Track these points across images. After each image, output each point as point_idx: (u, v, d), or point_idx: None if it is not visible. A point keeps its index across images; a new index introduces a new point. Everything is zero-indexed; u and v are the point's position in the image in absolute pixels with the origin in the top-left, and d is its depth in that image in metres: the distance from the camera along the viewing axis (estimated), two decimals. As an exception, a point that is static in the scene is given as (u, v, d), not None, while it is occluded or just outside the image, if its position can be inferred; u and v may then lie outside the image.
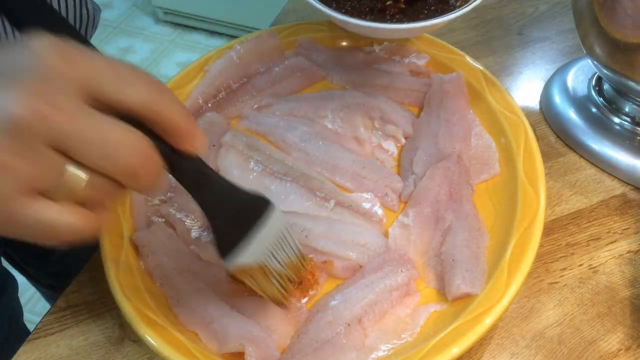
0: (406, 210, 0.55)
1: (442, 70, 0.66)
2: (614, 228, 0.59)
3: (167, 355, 0.43)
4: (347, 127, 0.63)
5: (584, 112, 0.67)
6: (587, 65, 0.72)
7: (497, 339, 0.51)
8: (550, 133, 0.69)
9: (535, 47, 0.79)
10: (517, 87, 0.75)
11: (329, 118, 0.63)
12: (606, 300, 0.54)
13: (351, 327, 0.47)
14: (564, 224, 0.59)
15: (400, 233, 0.53)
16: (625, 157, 0.63)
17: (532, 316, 0.53)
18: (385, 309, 0.48)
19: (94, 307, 0.54)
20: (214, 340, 0.46)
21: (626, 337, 0.51)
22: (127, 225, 0.52)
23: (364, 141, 0.62)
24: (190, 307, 0.48)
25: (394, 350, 0.46)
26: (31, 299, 1.51)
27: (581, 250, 0.57)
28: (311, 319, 0.48)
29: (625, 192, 0.62)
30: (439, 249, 0.51)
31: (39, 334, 0.52)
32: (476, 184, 0.57)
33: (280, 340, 0.47)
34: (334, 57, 0.69)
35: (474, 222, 0.52)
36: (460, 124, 0.60)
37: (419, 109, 0.65)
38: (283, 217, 0.43)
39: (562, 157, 0.66)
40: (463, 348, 0.43)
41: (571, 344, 0.51)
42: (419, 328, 0.47)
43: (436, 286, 0.50)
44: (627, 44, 0.58)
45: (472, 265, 0.48)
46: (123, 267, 0.48)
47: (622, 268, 0.56)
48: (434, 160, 0.57)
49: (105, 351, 0.51)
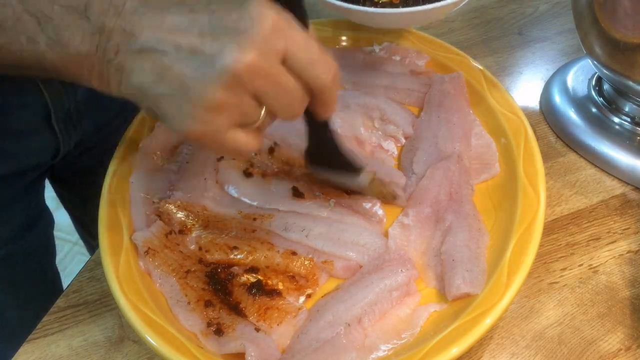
0: (406, 210, 0.55)
1: (442, 70, 0.66)
2: (614, 228, 0.59)
3: (167, 355, 0.43)
4: (347, 127, 0.63)
5: (584, 112, 0.67)
6: (587, 65, 0.72)
7: (497, 339, 0.51)
8: (550, 133, 0.69)
9: (535, 47, 0.79)
10: (517, 87, 0.75)
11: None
12: (606, 300, 0.54)
13: (351, 327, 0.47)
14: (564, 224, 0.59)
15: (400, 233, 0.53)
16: (625, 157, 0.63)
17: (532, 316, 0.53)
18: (385, 309, 0.48)
19: (94, 307, 0.54)
20: (213, 341, 0.46)
21: (626, 337, 0.51)
22: (127, 225, 0.52)
23: (364, 141, 0.62)
24: (189, 307, 0.48)
25: (394, 350, 0.46)
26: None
27: (581, 250, 0.57)
28: (311, 319, 0.48)
29: (625, 192, 0.62)
30: (439, 249, 0.51)
31: (39, 334, 0.52)
32: (476, 184, 0.57)
33: (280, 340, 0.47)
34: (334, 57, 0.68)
35: (474, 222, 0.52)
36: (460, 124, 0.60)
37: (419, 109, 0.65)
38: (366, 179, 0.54)
39: (562, 157, 0.66)
40: (463, 348, 0.43)
41: (571, 344, 0.51)
42: (419, 328, 0.47)
43: (436, 286, 0.50)
44: (627, 44, 0.58)
45: (472, 265, 0.48)
46: (123, 267, 0.48)
47: (622, 268, 0.56)
48: (434, 160, 0.57)
49: (105, 351, 0.51)
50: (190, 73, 0.36)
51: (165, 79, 0.36)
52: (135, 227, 0.52)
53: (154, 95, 0.37)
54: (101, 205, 0.52)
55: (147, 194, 0.55)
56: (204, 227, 0.54)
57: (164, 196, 0.55)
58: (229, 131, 0.38)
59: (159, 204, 0.54)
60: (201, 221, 0.54)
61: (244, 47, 0.35)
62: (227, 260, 0.51)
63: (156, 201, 0.55)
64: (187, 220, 0.54)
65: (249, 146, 0.40)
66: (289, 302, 0.49)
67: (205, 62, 0.35)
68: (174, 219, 0.53)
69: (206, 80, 0.35)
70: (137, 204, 0.54)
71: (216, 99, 0.36)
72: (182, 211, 0.54)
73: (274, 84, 0.37)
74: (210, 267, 0.51)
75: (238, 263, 0.51)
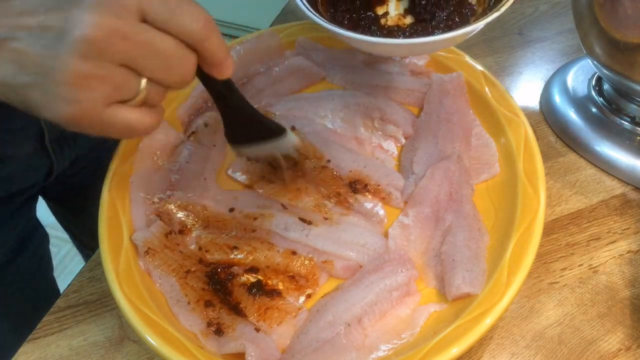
0: (406, 210, 0.55)
1: (442, 70, 0.66)
2: (614, 228, 0.59)
3: (167, 355, 0.43)
4: (347, 127, 0.63)
5: (584, 112, 0.67)
6: (587, 65, 0.72)
7: (497, 339, 0.51)
8: (550, 133, 0.69)
9: (535, 47, 0.79)
10: (517, 87, 0.75)
11: (329, 118, 0.63)
12: (606, 300, 0.54)
13: (351, 327, 0.47)
14: (564, 224, 0.59)
15: (400, 233, 0.53)
16: (625, 157, 0.63)
17: (532, 316, 0.53)
18: (385, 309, 0.48)
19: (94, 307, 0.54)
20: (213, 341, 0.46)
21: (626, 337, 0.51)
22: (127, 225, 0.52)
23: (364, 141, 0.62)
24: (189, 307, 0.48)
25: (394, 350, 0.46)
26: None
27: (581, 250, 0.57)
28: (311, 319, 0.48)
29: (625, 192, 0.62)
30: (439, 249, 0.51)
31: (39, 334, 0.52)
32: (476, 184, 0.57)
33: (280, 340, 0.47)
34: (334, 57, 0.69)
35: (474, 222, 0.52)
36: (460, 124, 0.60)
37: (419, 109, 0.65)
38: (294, 138, 0.52)
39: (562, 157, 0.66)
40: (463, 348, 0.43)
41: (571, 344, 0.51)
42: (419, 328, 0.47)
43: (436, 286, 0.50)
44: (627, 44, 0.58)
45: (472, 265, 0.48)
46: (123, 267, 0.48)
47: (622, 268, 0.56)
48: (434, 160, 0.57)
49: (105, 351, 0.51)
50: (44, 52, 0.33)
51: (25, 66, 0.34)
52: (135, 227, 0.52)
53: (20, 86, 0.35)
54: (101, 206, 0.52)
55: (147, 194, 0.55)
56: (204, 227, 0.54)
57: (164, 196, 0.55)
58: (108, 109, 0.35)
59: (159, 204, 0.54)
60: (201, 221, 0.54)
61: (90, 11, 0.33)
62: (227, 260, 0.51)
63: (156, 201, 0.55)
64: (187, 220, 0.54)
65: (142, 123, 0.37)
66: (289, 302, 0.49)
67: (57, 36, 0.33)
68: (174, 219, 0.53)
69: (61, 54, 0.33)
70: (137, 204, 0.54)
71: (76, 70, 0.33)
72: (182, 211, 0.54)
73: (138, 45, 0.34)
74: (210, 267, 0.51)
75: (238, 263, 0.51)
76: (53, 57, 0.33)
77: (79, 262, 1.65)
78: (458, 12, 0.57)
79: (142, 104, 0.37)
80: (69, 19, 0.33)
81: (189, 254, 0.52)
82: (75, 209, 0.88)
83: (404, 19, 0.61)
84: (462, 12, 0.57)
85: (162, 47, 0.35)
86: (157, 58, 0.35)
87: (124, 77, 0.35)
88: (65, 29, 0.33)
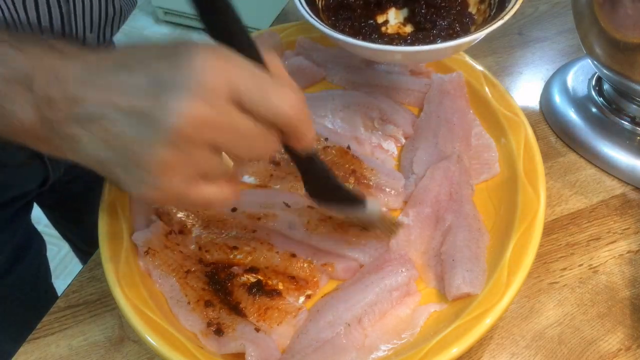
0: (406, 210, 0.55)
1: (442, 70, 0.66)
2: (614, 228, 0.59)
3: (167, 355, 0.43)
4: (347, 127, 0.63)
5: (584, 112, 0.67)
6: (587, 65, 0.72)
7: (497, 339, 0.51)
8: (550, 133, 0.69)
9: (535, 47, 0.79)
10: (517, 87, 0.75)
11: (329, 118, 0.63)
12: (606, 300, 0.54)
13: (351, 327, 0.47)
14: (564, 224, 0.59)
15: (401, 233, 0.53)
16: (625, 157, 0.63)
17: (532, 316, 0.53)
18: (386, 309, 0.48)
19: (94, 307, 0.54)
20: (213, 341, 0.46)
21: (626, 337, 0.51)
22: (127, 225, 0.52)
23: (364, 141, 0.62)
24: (189, 307, 0.48)
25: (394, 350, 0.46)
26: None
27: (581, 250, 0.57)
28: (311, 319, 0.48)
29: (625, 192, 0.62)
30: (439, 249, 0.51)
31: (39, 334, 0.52)
32: (476, 184, 0.57)
33: (280, 340, 0.47)
34: (334, 57, 0.69)
35: (474, 222, 0.52)
36: (460, 124, 0.60)
37: (419, 109, 0.65)
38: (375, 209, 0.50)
39: (562, 157, 0.66)
40: (463, 348, 0.43)
41: (571, 344, 0.51)
42: (419, 328, 0.47)
43: (436, 286, 0.50)
44: (627, 44, 0.58)
45: (472, 265, 0.48)
46: (123, 267, 0.48)
47: (622, 268, 0.56)
48: (434, 160, 0.57)
49: (105, 351, 0.51)
50: (132, 136, 0.33)
51: (111, 145, 0.34)
52: (135, 227, 0.52)
53: (106, 162, 0.35)
54: (101, 206, 0.52)
55: (147, 194, 0.55)
56: (204, 227, 0.54)
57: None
58: (192, 188, 0.36)
59: (159, 203, 0.54)
60: (201, 221, 0.54)
61: (183, 99, 0.32)
62: (227, 260, 0.51)
63: (156, 201, 0.55)
64: (187, 220, 0.54)
65: (221, 197, 0.37)
66: (289, 302, 0.49)
67: (146, 122, 0.33)
68: (174, 219, 0.53)
69: (149, 142, 0.33)
70: (137, 204, 0.54)
71: (161, 160, 0.33)
72: (182, 211, 0.54)
73: (225, 131, 0.34)
74: (210, 267, 0.51)
75: (238, 263, 0.51)
76: (139, 143, 0.33)
77: (79, 262, 1.65)
78: (459, 21, 0.57)
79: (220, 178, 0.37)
80: (161, 106, 0.33)
81: (189, 254, 0.52)
82: (71, 216, 0.88)
83: (404, 28, 0.61)
84: (463, 21, 0.57)
85: (246, 130, 0.35)
86: (243, 140, 0.35)
87: (207, 158, 0.35)
88: (156, 116, 0.33)
